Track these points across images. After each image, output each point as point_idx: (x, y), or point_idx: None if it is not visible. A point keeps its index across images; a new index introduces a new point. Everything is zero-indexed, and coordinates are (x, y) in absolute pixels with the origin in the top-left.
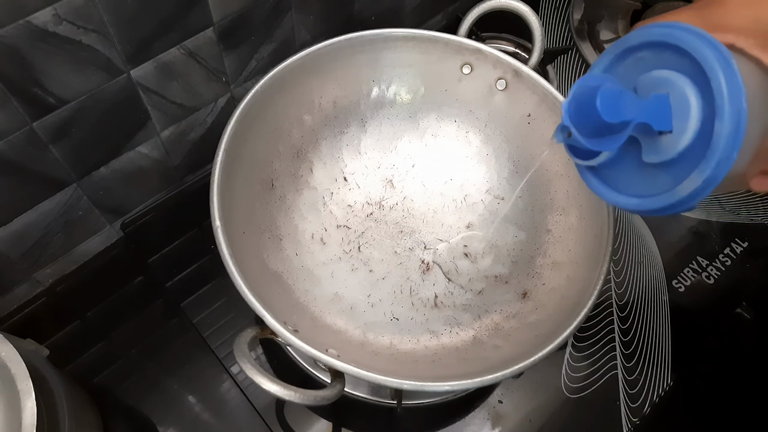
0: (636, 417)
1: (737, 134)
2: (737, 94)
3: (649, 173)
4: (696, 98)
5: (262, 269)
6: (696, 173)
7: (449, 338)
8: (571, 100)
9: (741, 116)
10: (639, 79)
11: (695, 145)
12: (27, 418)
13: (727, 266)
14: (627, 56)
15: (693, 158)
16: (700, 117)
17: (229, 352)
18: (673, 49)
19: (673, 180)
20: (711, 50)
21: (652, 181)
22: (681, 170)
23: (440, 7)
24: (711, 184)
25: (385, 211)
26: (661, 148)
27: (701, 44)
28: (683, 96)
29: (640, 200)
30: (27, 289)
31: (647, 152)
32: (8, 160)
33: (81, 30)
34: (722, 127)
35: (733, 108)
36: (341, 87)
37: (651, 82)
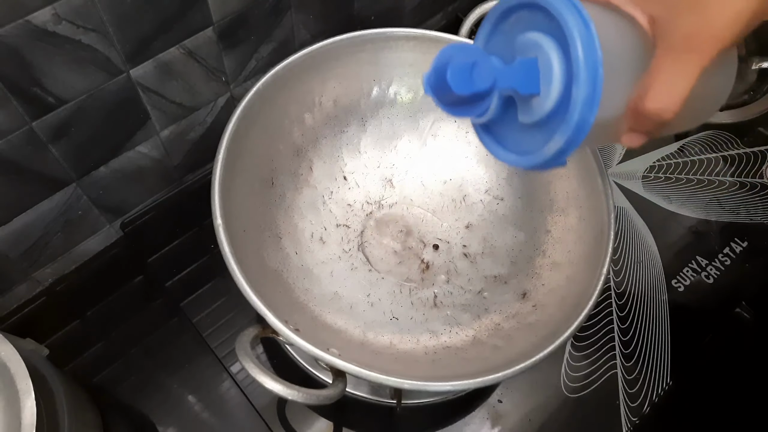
0: (635, 416)
1: (593, 100)
2: (593, 60)
3: (527, 131)
4: (559, 62)
5: (262, 268)
6: (558, 135)
7: (449, 338)
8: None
9: (597, 83)
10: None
11: (560, 107)
12: (26, 418)
13: (727, 266)
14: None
15: (558, 119)
16: (562, 80)
17: (229, 351)
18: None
19: (544, 138)
20: (572, 14)
21: (529, 139)
22: (549, 130)
23: (440, 6)
24: (572, 144)
25: (385, 210)
26: (532, 110)
27: (565, 7)
28: (548, 59)
29: (518, 157)
30: (26, 288)
31: (521, 113)
32: (8, 160)
33: (80, 29)
34: (578, 92)
35: (589, 74)
36: (342, 86)
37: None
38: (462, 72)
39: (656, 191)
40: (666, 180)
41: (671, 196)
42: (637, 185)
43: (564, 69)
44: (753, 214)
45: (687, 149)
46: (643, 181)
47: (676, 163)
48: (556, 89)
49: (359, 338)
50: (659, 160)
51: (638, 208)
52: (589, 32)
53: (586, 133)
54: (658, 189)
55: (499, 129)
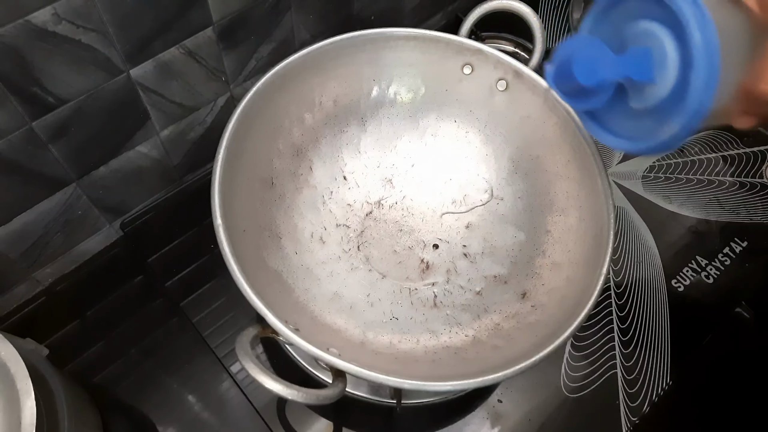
0: (635, 416)
1: (710, 86)
2: (711, 47)
3: (638, 117)
4: (675, 49)
5: (262, 268)
6: (675, 120)
7: (449, 338)
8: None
9: (713, 70)
10: (626, 29)
11: (675, 93)
12: (26, 418)
13: (727, 266)
14: (616, 5)
15: (673, 105)
16: (678, 67)
17: (228, 351)
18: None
19: (656, 124)
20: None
21: (639, 125)
22: (663, 115)
23: (440, 6)
24: (688, 129)
25: (385, 210)
26: (646, 96)
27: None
28: (662, 46)
29: (630, 142)
30: (26, 288)
31: (634, 99)
32: (7, 160)
33: (80, 29)
34: (696, 79)
35: (707, 62)
36: (342, 86)
37: (636, 33)
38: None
39: (656, 191)
40: (666, 180)
41: (671, 196)
42: (637, 185)
43: (679, 55)
44: (753, 214)
45: (687, 149)
46: (643, 181)
47: (675, 162)
48: (672, 76)
49: (359, 338)
50: (659, 160)
51: (638, 208)
52: (705, 19)
53: (703, 117)
54: (658, 189)
55: (606, 116)
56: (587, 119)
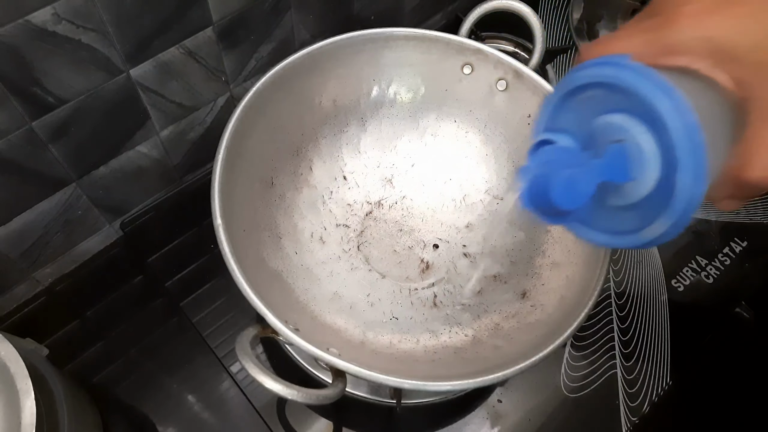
0: (635, 416)
1: (699, 181)
2: (696, 140)
3: (620, 213)
4: (653, 144)
5: (262, 268)
6: (663, 219)
7: (449, 338)
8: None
9: (701, 164)
10: (593, 123)
11: (659, 189)
12: (26, 418)
13: (726, 266)
14: (576, 94)
15: (658, 201)
16: (659, 162)
17: (228, 351)
18: (623, 91)
19: (641, 220)
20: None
21: (621, 220)
22: (648, 211)
23: (439, 6)
24: (678, 227)
25: (385, 210)
26: (625, 194)
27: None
28: (640, 144)
29: (612, 237)
30: (26, 288)
31: (613, 197)
32: (7, 160)
33: (80, 29)
34: (684, 179)
35: (692, 156)
36: (342, 86)
37: (605, 128)
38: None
39: None
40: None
41: None
42: None
43: (659, 149)
44: (753, 214)
45: None
46: None
47: None
48: (654, 173)
49: (359, 338)
50: None
51: None
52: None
53: (692, 214)
54: None
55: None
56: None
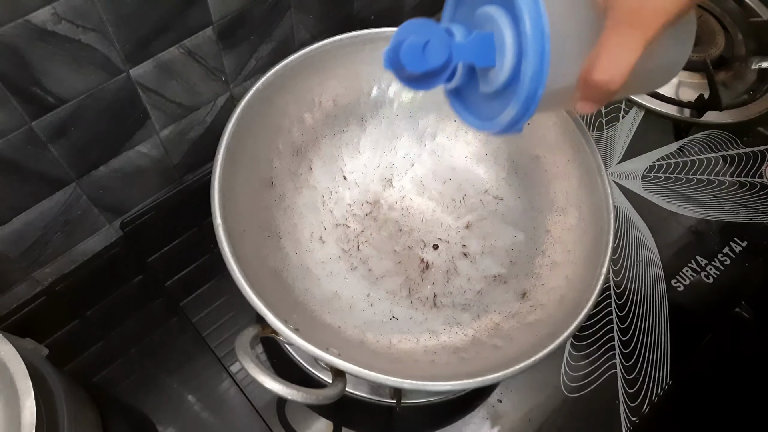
0: (635, 416)
1: (540, 74)
2: (540, 36)
3: (488, 99)
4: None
5: (262, 267)
6: (512, 105)
7: (448, 338)
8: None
9: (544, 58)
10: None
11: (513, 78)
12: (26, 418)
13: (726, 265)
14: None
15: (512, 90)
16: (515, 54)
17: (228, 351)
18: None
19: (501, 107)
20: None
21: (491, 106)
22: (505, 99)
23: (439, 6)
24: (524, 115)
25: (384, 210)
26: (490, 81)
27: None
28: (502, 33)
29: (481, 122)
30: (26, 288)
31: (482, 83)
32: (7, 160)
33: (80, 29)
34: (527, 67)
35: (536, 50)
36: (341, 86)
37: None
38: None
39: (656, 191)
40: (666, 180)
41: (671, 196)
42: (637, 185)
43: (516, 43)
44: (752, 214)
45: (687, 149)
46: (642, 181)
47: (675, 162)
48: (509, 62)
49: (359, 338)
50: (659, 160)
51: (638, 208)
52: (537, 7)
53: (536, 104)
54: (658, 189)
55: (468, 95)
56: (451, 95)
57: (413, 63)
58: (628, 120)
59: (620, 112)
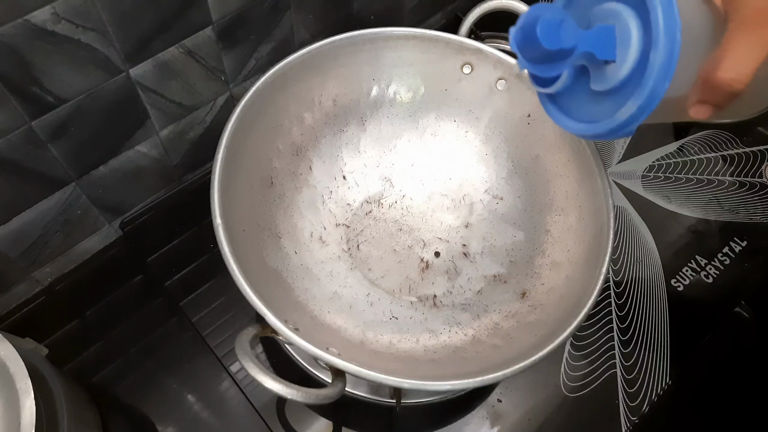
0: (635, 416)
1: (670, 64)
2: (673, 26)
3: (597, 101)
4: (638, 29)
5: (262, 267)
6: (632, 101)
7: (448, 337)
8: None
9: (674, 47)
10: (592, 10)
11: (634, 74)
12: (26, 417)
13: (726, 265)
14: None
15: (632, 86)
16: (639, 47)
17: (228, 351)
18: None
19: (615, 107)
20: None
21: (598, 108)
22: (622, 97)
23: (439, 6)
24: (645, 110)
25: (384, 209)
26: (606, 77)
27: None
28: (626, 27)
29: (587, 125)
30: (26, 288)
31: (595, 80)
32: (7, 159)
33: (80, 29)
34: (656, 57)
35: (667, 39)
36: (341, 85)
37: (601, 13)
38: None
39: (656, 191)
40: (665, 179)
41: (671, 196)
42: (637, 185)
43: (641, 37)
44: (752, 214)
45: (686, 149)
46: (642, 181)
47: (675, 162)
48: (633, 56)
49: (359, 337)
50: (659, 160)
51: (638, 208)
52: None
53: (660, 98)
54: (658, 188)
55: (566, 100)
56: (547, 102)
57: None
58: None
59: None
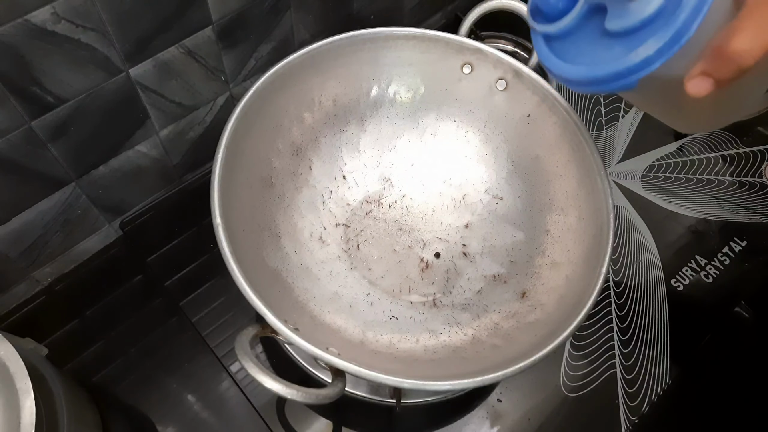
0: (635, 416)
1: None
2: None
3: (606, 44)
4: None
5: (262, 267)
6: (653, 39)
7: (448, 337)
8: None
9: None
10: None
11: (660, 14)
12: (26, 417)
13: (726, 265)
14: None
15: (654, 28)
16: None
17: (228, 351)
18: None
19: (627, 49)
20: None
21: (605, 52)
22: (638, 39)
23: (439, 6)
24: (663, 53)
25: (384, 209)
26: (628, 14)
27: None
28: None
29: (588, 68)
30: (26, 287)
31: (612, 18)
32: (7, 159)
33: (80, 28)
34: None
35: None
36: (341, 85)
37: None
38: None
39: (655, 190)
40: (665, 179)
41: (670, 196)
42: (637, 184)
43: None
44: (752, 214)
45: (686, 148)
46: (642, 181)
47: (675, 162)
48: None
49: (359, 337)
50: (658, 160)
51: (637, 208)
52: None
53: (684, 41)
54: (658, 188)
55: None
56: (543, 45)
57: None
58: (628, 120)
59: (620, 112)
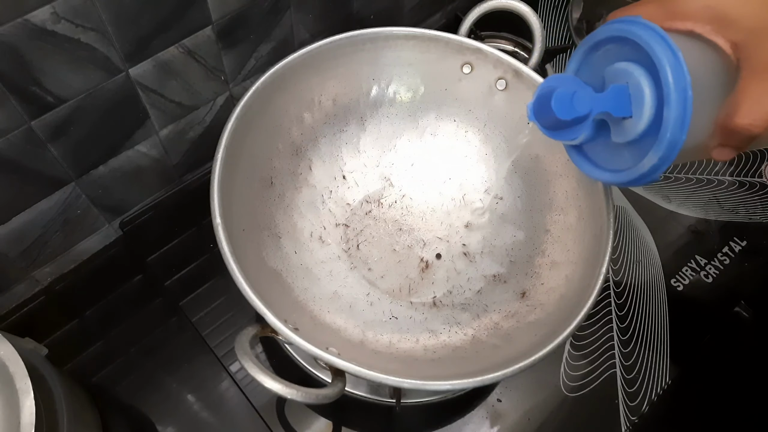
0: (634, 415)
1: (684, 119)
2: (682, 83)
3: (620, 151)
4: (650, 87)
5: (262, 267)
6: (652, 152)
7: (448, 337)
8: (535, 101)
9: (687, 103)
10: (606, 70)
11: (652, 127)
12: (26, 417)
13: (726, 265)
14: (597, 49)
15: (651, 138)
16: (653, 104)
17: (228, 350)
18: (631, 43)
19: (637, 157)
20: (661, 45)
21: (622, 158)
22: (642, 149)
23: (439, 5)
24: (666, 161)
25: (384, 209)
26: (625, 131)
27: (653, 39)
28: (639, 85)
29: (613, 174)
30: (26, 287)
31: (615, 134)
32: (6, 159)
33: (79, 28)
34: (670, 113)
35: (678, 96)
36: (341, 85)
37: (615, 73)
38: (564, 100)
39: (655, 190)
40: (665, 179)
41: (670, 196)
42: None
43: (654, 93)
44: (752, 214)
45: None
46: None
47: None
48: (648, 111)
49: (358, 337)
50: None
51: (637, 208)
52: (677, 59)
53: (678, 149)
54: (658, 188)
55: (592, 149)
56: (573, 152)
57: (563, 111)
58: None
59: None
